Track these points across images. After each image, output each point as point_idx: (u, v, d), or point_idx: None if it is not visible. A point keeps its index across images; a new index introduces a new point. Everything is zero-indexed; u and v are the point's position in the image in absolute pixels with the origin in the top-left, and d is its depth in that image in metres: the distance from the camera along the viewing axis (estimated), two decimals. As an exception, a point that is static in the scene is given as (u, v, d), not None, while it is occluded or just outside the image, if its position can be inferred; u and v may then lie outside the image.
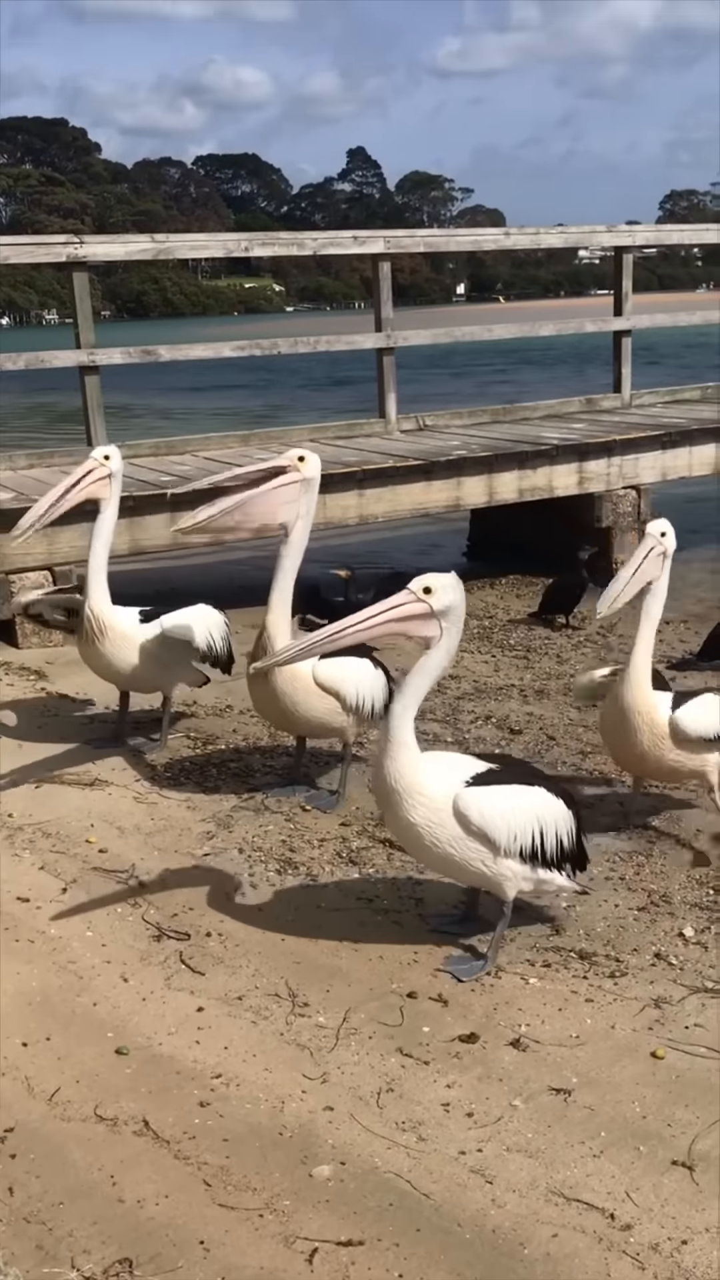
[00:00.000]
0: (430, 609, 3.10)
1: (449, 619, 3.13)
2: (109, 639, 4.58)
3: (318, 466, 4.18)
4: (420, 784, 3.07)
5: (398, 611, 3.12)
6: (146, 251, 7.81)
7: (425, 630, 3.13)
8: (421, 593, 3.12)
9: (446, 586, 3.13)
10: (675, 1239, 2.24)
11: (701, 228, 11.89)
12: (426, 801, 3.07)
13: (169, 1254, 2.19)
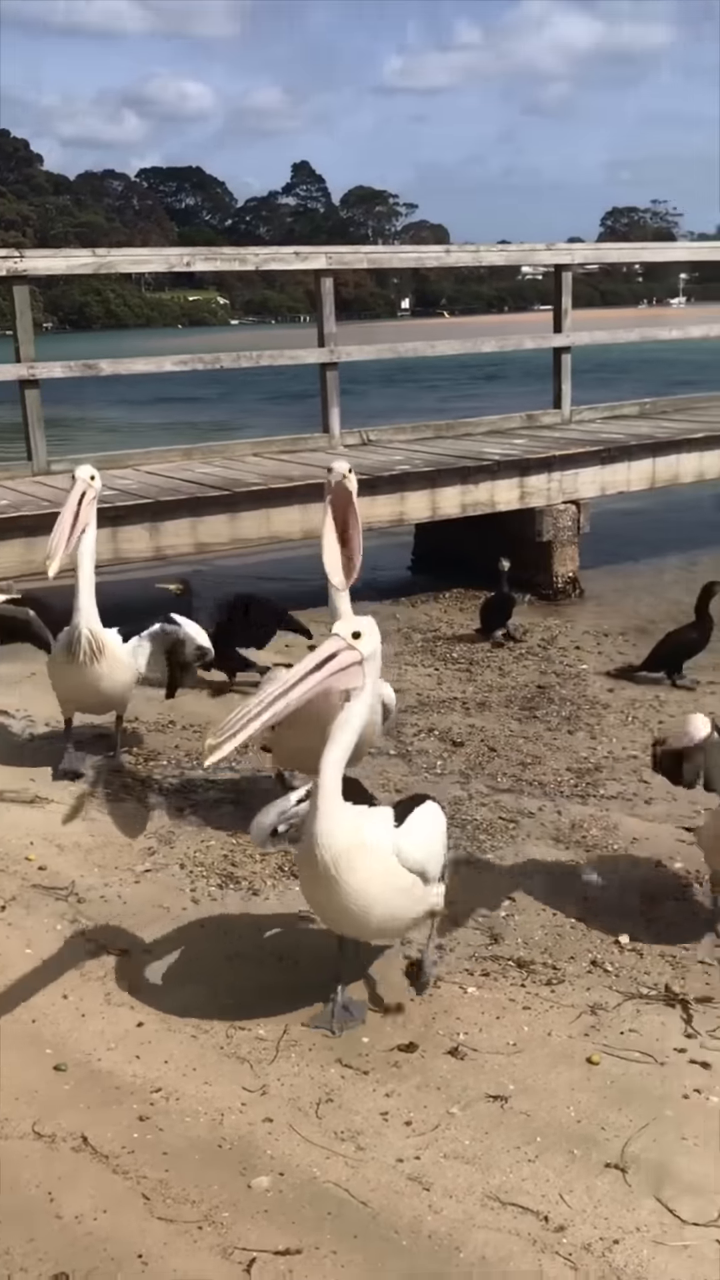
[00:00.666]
0: (360, 656, 2.91)
1: (371, 664, 2.95)
2: (104, 660, 4.48)
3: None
4: (363, 840, 2.85)
5: (336, 663, 2.88)
6: (88, 266, 7.80)
7: (354, 680, 2.91)
8: (350, 638, 2.91)
9: (372, 630, 2.96)
10: (607, 1239, 2.29)
11: (639, 246, 12.14)
12: (372, 856, 2.85)
13: (106, 1268, 2.19)
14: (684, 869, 3.93)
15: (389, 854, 2.88)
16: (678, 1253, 2.25)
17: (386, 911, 2.91)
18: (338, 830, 2.82)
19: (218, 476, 7.47)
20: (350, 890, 2.82)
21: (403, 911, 2.96)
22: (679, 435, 8.75)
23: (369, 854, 2.85)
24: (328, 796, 2.84)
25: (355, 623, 2.95)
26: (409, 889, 2.92)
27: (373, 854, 2.85)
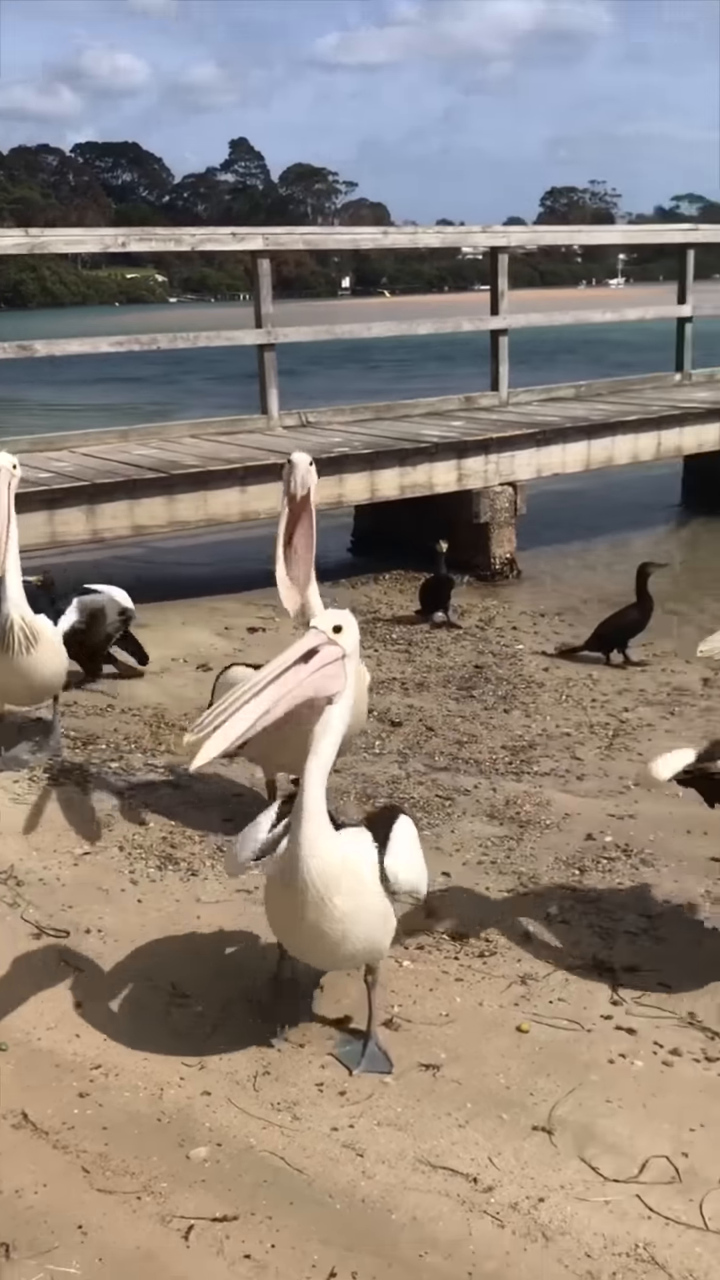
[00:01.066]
0: (342, 653, 2.63)
1: (352, 663, 2.68)
2: (39, 648, 4.34)
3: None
4: (349, 865, 2.65)
5: (319, 660, 2.59)
6: (21, 245, 7.72)
7: (336, 682, 2.62)
8: (332, 632, 2.63)
9: (352, 625, 2.67)
10: (533, 1197, 2.39)
11: (575, 229, 12.27)
12: (356, 881, 2.65)
13: (46, 1239, 2.25)
14: (613, 842, 4.05)
15: (374, 878, 2.69)
16: (599, 1208, 2.35)
17: (365, 937, 2.70)
18: (326, 853, 2.58)
19: (155, 458, 7.46)
20: (336, 916, 2.60)
21: (377, 940, 2.77)
22: (613, 418, 8.89)
23: (357, 879, 2.64)
24: (313, 816, 2.59)
25: (336, 616, 2.66)
26: (384, 916, 2.75)
27: (360, 879, 2.66)
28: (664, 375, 10.97)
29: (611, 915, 3.56)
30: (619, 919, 3.54)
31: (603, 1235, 2.28)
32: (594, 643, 6.24)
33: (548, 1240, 2.27)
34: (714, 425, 9.42)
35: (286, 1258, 2.22)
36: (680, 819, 4.19)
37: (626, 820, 4.22)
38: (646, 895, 3.68)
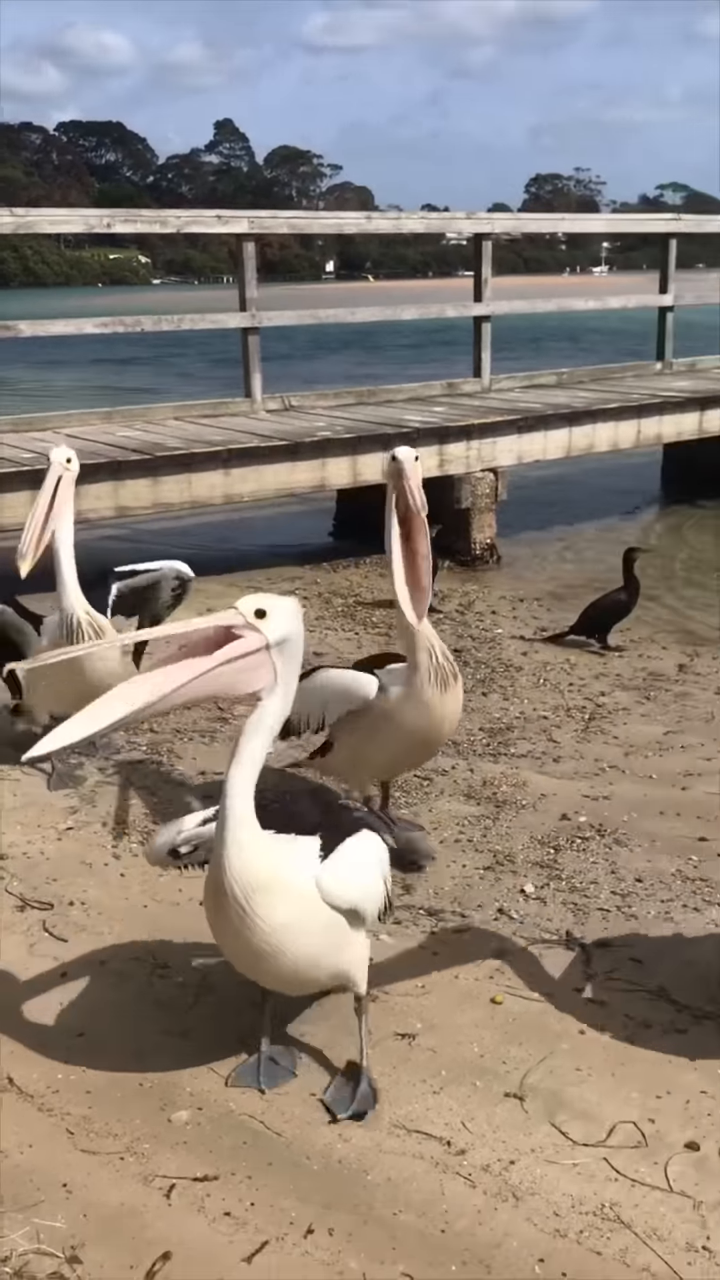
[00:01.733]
0: (265, 642, 2.34)
1: (284, 656, 2.39)
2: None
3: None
4: (280, 874, 2.43)
5: (228, 651, 2.29)
6: (6, 225, 7.72)
7: (256, 679, 2.36)
8: (252, 616, 2.33)
9: (285, 613, 2.37)
10: (504, 1160, 2.46)
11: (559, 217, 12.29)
12: (291, 893, 2.44)
13: (32, 1196, 2.31)
14: (588, 822, 4.13)
15: (310, 891, 2.47)
16: (568, 1170, 2.43)
17: (311, 956, 2.50)
18: (250, 860, 2.39)
19: (139, 440, 7.49)
20: (263, 932, 2.41)
21: (325, 959, 2.54)
22: (594, 405, 8.96)
23: (288, 891, 2.43)
24: (237, 822, 2.39)
25: (264, 599, 2.37)
26: (332, 932, 2.52)
27: (292, 891, 2.44)
28: (645, 364, 11.06)
29: (585, 893, 3.64)
30: (592, 896, 3.62)
31: (571, 1196, 2.36)
32: (580, 626, 6.30)
33: (518, 1200, 2.35)
34: (694, 414, 9.51)
35: (265, 1215, 2.29)
36: (655, 801, 4.28)
37: (601, 801, 4.30)
38: (619, 874, 3.76)
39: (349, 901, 2.52)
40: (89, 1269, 2.15)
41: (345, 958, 2.59)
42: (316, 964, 2.53)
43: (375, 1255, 2.21)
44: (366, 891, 2.59)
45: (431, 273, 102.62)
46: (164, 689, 2.23)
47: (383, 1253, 2.21)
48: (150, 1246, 2.20)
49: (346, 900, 2.52)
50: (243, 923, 2.41)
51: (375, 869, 2.66)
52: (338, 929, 2.53)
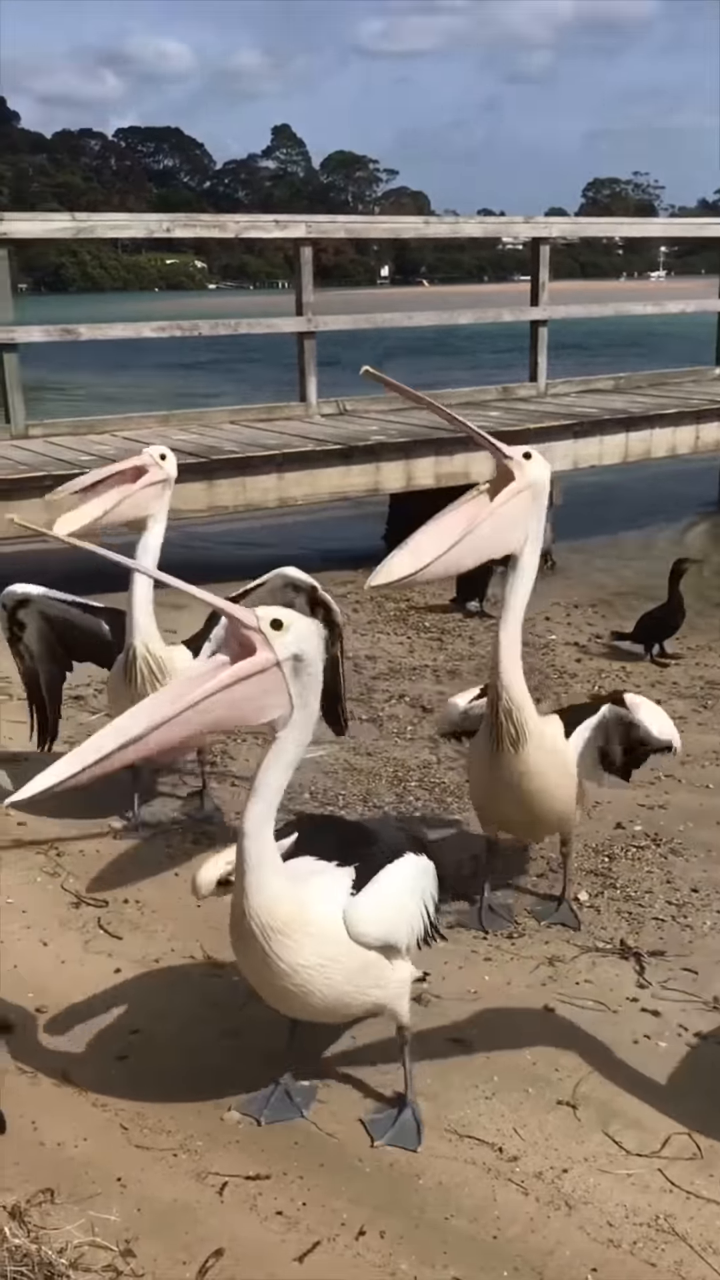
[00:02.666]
0: (274, 659, 2.15)
1: (299, 679, 2.20)
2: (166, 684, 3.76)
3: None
4: (304, 914, 2.31)
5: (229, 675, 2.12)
6: (67, 230, 7.83)
7: (269, 706, 2.19)
8: (268, 625, 2.15)
9: (302, 628, 2.19)
10: (557, 1168, 2.45)
11: (617, 221, 12.25)
12: (316, 933, 2.32)
13: (88, 1188, 2.34)
14: (643, 831, 4.09)
15: (337, 930, 2.34)
16: (621, 1180, 2.42)
17: (334, 995, 2.37)
18: (269, 903, 2.28)
19: (195, 443, 7.55)
20: (288, 973, 2.32)
21: (358, 996, 2.42)
22: (652, 410, 8.89)
23: (312, 931, 2.31)
24: (255, 862, 2.27)
25: (283, 614, 2.18)
26: (366, 970, 2.39)
27: (316, 930, 2.32)
28: (704, 369, 10.95)
29: (639, 902, 3.61)
30: (647, 905, 3.59)
31: (624, 1206, 2.35)
32: (635, 635, 6.22)
33: (570, 1209, 2.34)
34: (753, 420, 9.39)
35: (317, 1215, 2.30)
36: (711, 810, 4.23)
37: (657, 810, 4.26)
38: (675, 883, 3.72)
39: (378, 938, 2.39)
40: (143, 1263, 2.16)
41: (381, 993, 2.46)
42: (348, 1002, 2.42)
43: (426, 1259, 2.20)
44: (398, 925, 2.44)
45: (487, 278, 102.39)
46: (161, 715, 2.05)
47: (434, 1256, 2.21)
48: (203, 1243, 2.22)
49: (375, 938, 2.38)
50: (265, 964, 2.31)
51: (412, 897, 2.52)
52: (373, 965, 2.40)
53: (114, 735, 2.04)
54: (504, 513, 3.03)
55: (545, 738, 3.26)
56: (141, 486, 3.80)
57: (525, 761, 3.21)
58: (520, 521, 3.09)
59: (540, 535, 3.19)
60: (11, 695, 5.33)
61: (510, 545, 3.12)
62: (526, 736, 3.18)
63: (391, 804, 4.30)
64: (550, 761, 3.25)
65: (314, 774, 4.54)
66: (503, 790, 3.31)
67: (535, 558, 3.20)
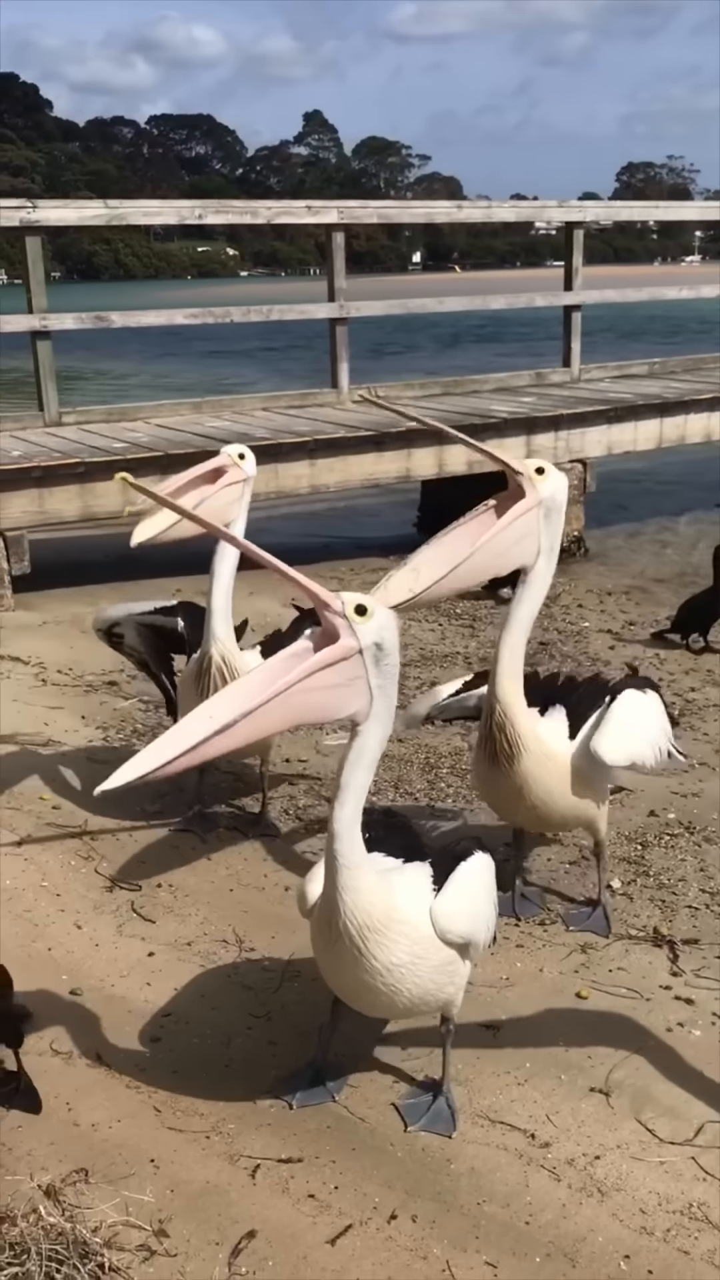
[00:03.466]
0: (357, 646, 2.11)
1: (380, 669, 2.16)
2: None
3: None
4: (395, 915, 2.32)
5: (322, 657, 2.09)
6: (100, 217, 7.84)
7: (351, 698, 2.15)
8: (354, 613, 2.12)
9: (385, 617, 2.17)
10: (589, 1155, 2.44)
11: (652, 205, 12.13)
12: (409, 932, 2.33)
13: (121, 1169, 2.35)
14: (676, 819, 4.06)
15: (426, 929, 2.37)
16: (654, 1167, 2.40)
17: (421, 990, 2.39)
18: (365, 903, 2.27)
19: (227, 430, 7.55)
20: (380, 973, 2.32)
21: (437, 993, 2.45)
22: (687, 395, 8.80)
23: (406, 929, 2.33)
24: (348, 865, 2.26)
25: (367, 600, 2.16)
26: (445, 966, 2.42)
27: (409, 929, 2.34)
28: (740, 354, 10.82)
29: (673, 890, 3.59)
30: (680, 893, 3.56)
31: (657, 1193, 2.34)
32: (675, 625, 6.14)
33: (603, 1195, 2.33)
34: (790, 405, 9.29)
35: (349, 1199, 2.30)
36: (744, 798, 4.19)
37: (690, 798, 4.23)
38: (708, 871, 3.70)
39: (463, 935, 2.41)
40: (175, 1243, 2.18)
41: (453, 989, 2.49)
42: (428, 998, 2.44)
43: (458, 1244, 2.20)
44: (479, 921, 2.47)
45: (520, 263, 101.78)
46: (250, 702, 2.02)
47: (466, 1241, 2.21)
48: (235, 1224, 2.23)
49: (461, 934, 2.41)
50: (359, 965, 2.30)
51: (487, 895, 2.55)
52: (451, 962, 2.43)
53: (204, 723, 2.01)
54: (511, 532, 2.96)
55: (543, 747, 3.11)
56: (220, 488, 3.73)
57: (523, 775, 3.10)
58: (531, 537, 3.00)
59: (555, 549, 3.05)
60: (46, 681, 5.38)
61: (520, 560, 3.03)
62: (523, 750, 3.07)
63: (423, 790, 4.30)
64: (550, 770, 3.12)
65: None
66: (505, 801, 3.25)
67: (549, 571, 3.08)
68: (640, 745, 3.16)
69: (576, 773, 3.17)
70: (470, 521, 2.98)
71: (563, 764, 3.15)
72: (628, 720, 3.18)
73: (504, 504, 2.99)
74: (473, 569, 2.92)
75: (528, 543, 3.00)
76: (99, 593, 6.69)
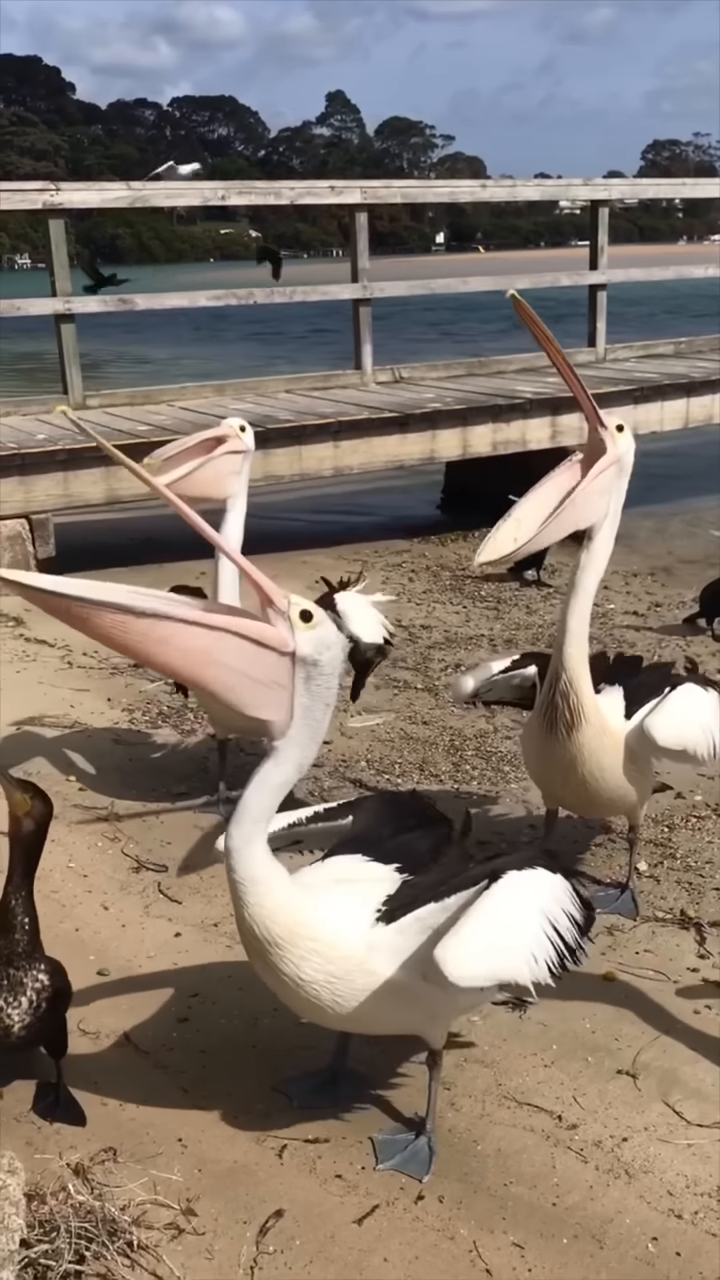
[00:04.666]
0: (289, 647, 2.02)
1: (309, 686, 2.05)
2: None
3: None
4: (306, 929, 2.17)
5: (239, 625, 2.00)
6: (123, 199, 7.82)
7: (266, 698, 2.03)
8: (297, 615, 2.03)
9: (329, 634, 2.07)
10: (616, 1137, 2.44)
11: (678, 182, 11.96)
12: (320, 949, 2.16)
13: (149, 1148, 2.37)
14: (703, 801, 4.04)
15: (344, 947, 2.17)
16: (682, 1150, 2.40)
17: (351, 1010, 2.22)
18: (264, 917, 2.15)
19: (250, 413, 7.52)
20: (286, 983, 2.19)
21: (384, 1016, 2.25)
22: (714, 375, 8.73)
23: (314, 946, 2.16)
24: (243, 878, 2.14)
25: (315, 609, 2.07)
26: (384, 996, 2.19)
27: (320, 946, 2.16)
28: (768, 333, 10.69)
29: (700, 872, 3.57)
30: (707, 876, 3.55)
31: (685, 1176, 2.33)
32: (701, 607, 6.04)
33: (630, 1178, 2.33)
34: None
35: (376, 1179, 2.31)
36: (772, 780, 4.16)
37: (717, 780, 4.20)
38: (736, 853, 3.67)
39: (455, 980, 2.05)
40: (204, 1221, 2.19)
41: (418, 1018, 2.29)
42: (374, 1021, 2.28)
43: (485, 1224, 2.20)
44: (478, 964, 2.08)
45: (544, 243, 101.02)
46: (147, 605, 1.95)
47: (493, 1222, 2.21)
48: (263, 1204, 2.24)
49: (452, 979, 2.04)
50: (268, 972, 2.21)
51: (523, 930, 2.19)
52: (397, 994, 2.19)
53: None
54: (594, 485, 3.05)
55: (603, 720, 3.14)
56: (220, 454, 3.80)
57: (580, 745, 3.12)
58: (604, 494, 3.09)
59: (618, 513, 3.14)
60: (72, 664, 5.40)
61: (592, 519, 3.10)
62: (584, 721, 3.10)
63: (448, 773, 4.29)
64: (606, 745, 3.14)
65: (370, 742, 4.54)
66: (556, 772, 3.26)
67: (612, 534, 3.16)
68: (695, 734, 3.14)
69: (629, 752, 3.17)
70: (559, 475, 3.08)
71: (618, 739, 3.16)
72: (685, 709, 3.18)
73: (588, 457, 3.09)
74: (562, 521, 3.01)
75: (600, 502, 3.08)
76: (124, 575, 6.68)
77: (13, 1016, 2.34)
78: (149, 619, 1.93)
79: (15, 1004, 2.34)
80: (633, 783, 3.23)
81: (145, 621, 1.93)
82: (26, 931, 2.38)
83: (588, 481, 3.04)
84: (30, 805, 2.39)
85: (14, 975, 2.35)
